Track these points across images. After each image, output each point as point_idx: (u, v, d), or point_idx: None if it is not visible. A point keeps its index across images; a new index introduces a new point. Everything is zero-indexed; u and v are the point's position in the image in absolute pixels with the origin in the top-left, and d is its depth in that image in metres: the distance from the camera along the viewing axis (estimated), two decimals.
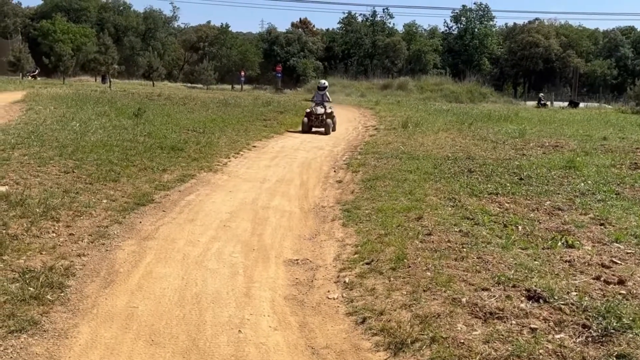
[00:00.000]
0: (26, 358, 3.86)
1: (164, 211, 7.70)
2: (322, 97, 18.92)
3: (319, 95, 19.13)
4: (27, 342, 4.04)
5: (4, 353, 3.86)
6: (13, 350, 3.91)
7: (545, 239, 6.36)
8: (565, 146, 13.79)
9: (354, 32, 65.51)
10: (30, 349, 3.97)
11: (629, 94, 40.54)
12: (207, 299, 5.04)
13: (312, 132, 17.96)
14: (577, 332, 4.11)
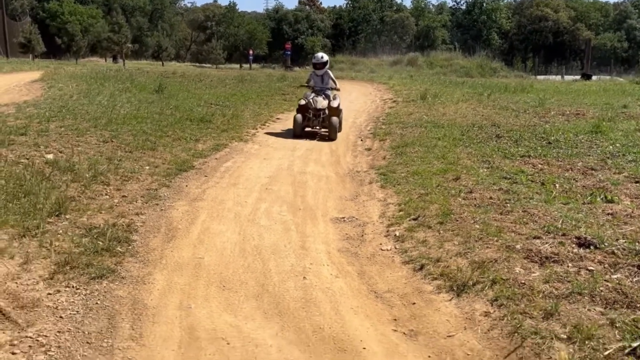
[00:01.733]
0: (112, 300, 4.08)
1: (205, 176, 7.90)
2: (322, 80, 12.34)
3: (317, 77, 12.42)
4: (110, 287, 4.26)
5: (91, 296, 4.08)
6: (99, 294, 4.13)
7: (584, 195, 6.51)
8: (586, 114, 13.85)
9: (361, 8, 65.18)
10: (114, 293, 4.19)
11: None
12: (267, 251, 5.25)
13: (309, 134, 11.78)
14: (633, 272, 4.29)
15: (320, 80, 12.36)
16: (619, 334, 3.45)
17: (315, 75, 12.45)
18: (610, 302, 3.85)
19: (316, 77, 12.43)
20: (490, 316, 3.95)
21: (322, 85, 12.25)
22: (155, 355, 3.46)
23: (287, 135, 11.88)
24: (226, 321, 3.94)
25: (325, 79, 12.37)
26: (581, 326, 3.54)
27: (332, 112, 11.78)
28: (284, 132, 12.22)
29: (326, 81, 12.36)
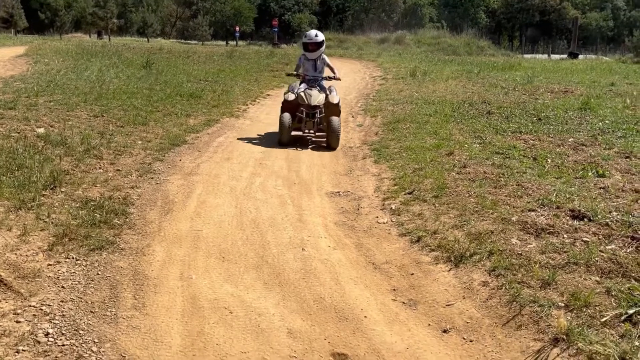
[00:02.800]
0: (113, 271, 4.09)
1: (199, 151, 7.88)
2: (314, 66, 9.24)
3: (308, 62, 9.26)
4: (110, 258, 4.26)
5: (91, 267, 4.09)
6: (99, 265, 4.14)
7: (576, 169, 6.59)
8: (574, 91, 13.92)
9: None
10: (115, 264, 4.20)
11: (627, 45, 40.54)
12: (265, 223, 5.27)
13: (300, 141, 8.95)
14: (627, 243, 4.37)
15: (313, 66, 9.16)
16: (615, 302, 3.53)
17: (305, 60, 9.17)
18: (606, 272, 3.92)
19: (307, 62, 9.16)
20: (488, 286, 4.01)
21: (315, 74, 9.11)
22: (160, 323, 3.49)
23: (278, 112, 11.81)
24: (227, 291, 3.96)
25: (320, 66, 9.19)
26: (578, 294, 3.61)
27: (330, 110, 8.70)
28: (275, 109, 12.17)
29: (320, 68, 9.20)
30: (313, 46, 9.07)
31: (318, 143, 8.88)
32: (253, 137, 9.13)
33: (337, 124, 8.48)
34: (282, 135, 8.55)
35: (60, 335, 3.25)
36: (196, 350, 3.28)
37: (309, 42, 9.10)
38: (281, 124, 8.55)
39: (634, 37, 37.93)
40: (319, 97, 8.76)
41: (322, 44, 9.12)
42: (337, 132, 8.50)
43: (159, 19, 58.60)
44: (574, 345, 3.16)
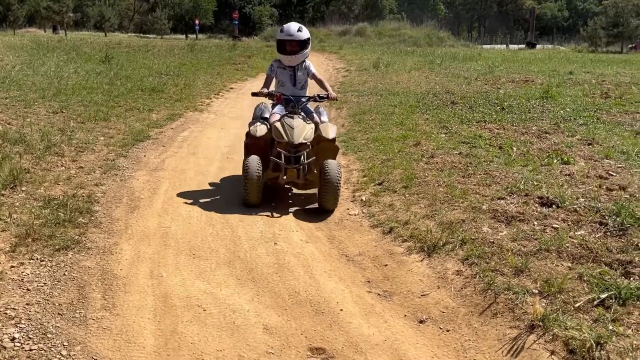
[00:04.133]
0: (80, 271, 3.96)
1: (163, 146, 7.73)
2: (295, 79, 6.00)
3: (286, 73, 6.00)
4: (76, 258, 4.13)
5: (57, 267, 3.95)
6: (65, 265, 4.00)
7: (541, 157, 6.67)
8: (535, 80, 14.15)
9: None
10: (82, 264, 4.06)
11: (582, 35, 41.50)
12: (235, 218, 5.19)
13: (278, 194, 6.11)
14: (596, 228, 4.43)
15: (292, 78, 5.97)
16: (588, 287, 3.57)
17: (281, 69, 5.98)
18: (577, 257, 3.97)
19: (284, 72, 5.98)
20: (462, 275, 4.02)
21: (296, 91, 5.97)
22: (131, 324, 3.39)
23: (242, 105, 11.68)
24: (200, 288, 3.88)
25: (302, 78, 6.02)
26: (551, 281, 3.64)
27: (324, 149, 5.79)
28: (239, 102, 12.05)
29: (303, 81, 6.05)
30: (293, 46, 5.76)
31: (302, 196, 6.07)
32: (218, 131, 9.00)
33: (335, 173, 5.30)
34: (250, 194, 5.38)
35: (27, 339, 3.12)
36: (170, 350, 3.19)
37: (287, 39, 5.76)
38: (247, 176, 5.31)
39: (589, 27, 38.90)
40: (305, 130, 5.51)
41: (306, 43, 5.84)
42: (336, 186, 5.31)
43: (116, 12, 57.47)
44: (550, 332, 3.18)
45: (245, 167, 5.40)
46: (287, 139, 5.47)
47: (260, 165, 5.41)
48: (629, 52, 33.38)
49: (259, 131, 5.66)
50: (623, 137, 7.59)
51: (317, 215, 5.49)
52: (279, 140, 5.54)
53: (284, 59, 5.93)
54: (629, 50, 34.30)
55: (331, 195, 5.40)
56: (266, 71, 6.17)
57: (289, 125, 5.52)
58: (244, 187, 5.41)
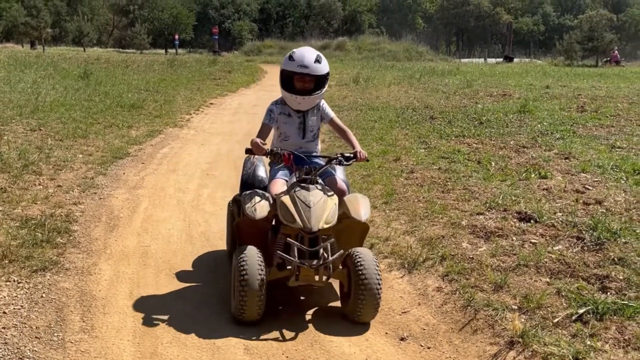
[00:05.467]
0: (58, 293, 3.91)
1: (143, 163, 7.69)
2: (304, 128, 4.12)
3: (294, 121, 4.11)
4: (54, 279, 4.08)
5: (35, 289, 3.89)
6: (43, 287, 3.95)
7: (519, 172, 6.75)
8: (512, 94, 14.37)
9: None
10: (60, 285, 4.01)
11: (558, 49, 42.20)
12: (215, 236, 5.17)
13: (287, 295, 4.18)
14: (573, 243, 4.49)
15: (300, 128, 4.16)
16: (566, 302, 3.61)
17: (284, 116, 4.15)
18: (555, 272, 4.02)
19: (290, 121, 4.15)
20: (442, 291, 4.04)
21: (306, 144, 4.24)
22: (110, 346, 3.35)
23: (222, 121, 11.67)
24: (180, 309, 3.85)
25: (314, 125, 4.23)
26: (530, 296, 3.67)
27: (352, 234, 4.11)
28: (219, 117, 12.04)
29: (315, 130, 4.28)
30: (307, 82, 4.02)
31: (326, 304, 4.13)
32: (199, 147, 8.98)
33: (374, 272, 3.65)
34: (247, 309, 3.59)
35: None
36: None
37: (299, 71, 3.97)
38: (244, 284, 3.54)
39: (564, 41, 39.57)
40: (327, 209, 3.77)
41: (325, 80, 4.08)
42: (377, 293, 3.65)
43: (95, 27, 57.30)
44: (529, 348, 3.21)
45: (240, 268, 3.53)
46: (302, 223, 3.65)
47: (262, 264, 3.60)
48: (604, 65, 33.98)
49: (260, 211, 3.75)
50: (599, 151, 7.72)
51: None
52: (288, 224, 3.71)
53: (291, 101, 4.03)
54: (604, 64, 34.91)
55: (369, 307, 3.65)
56: (264, 117, 4.12)
57: (304, 201, 3.68)
58: (239, 298, 3.54)
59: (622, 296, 3.60)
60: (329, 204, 3.76)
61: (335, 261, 3.75)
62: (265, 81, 21.02)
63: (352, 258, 3.71)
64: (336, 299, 4.04)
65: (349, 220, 3.88)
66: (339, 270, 3.80)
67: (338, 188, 4.04)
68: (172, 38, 52.57)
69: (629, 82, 18.70)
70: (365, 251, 3.81)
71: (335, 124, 4.28)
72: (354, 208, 3.85)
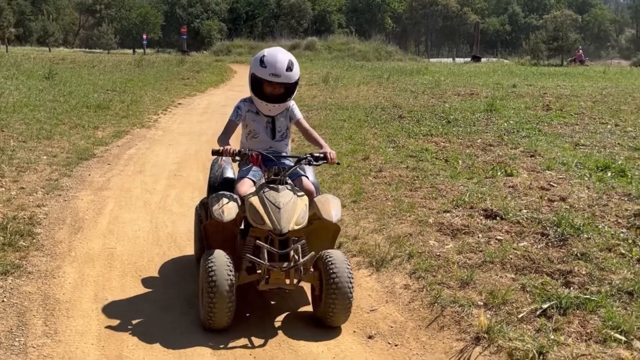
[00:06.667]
0: (20, 297, 3.83)
1: (109, 164, 7.58)
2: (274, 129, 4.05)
3: (262, 122, 4.04)
4: (16, 283, 3.99)
5: None
6: (4, 291, 3.86)
7: (486, 169, 6.83)
8: (480, 93, 14.55)
9: None
10: (22, 289, 3.93)
11: (524, 48, 42.89)
12: (182, 237, 5.12)
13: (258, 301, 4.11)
14: (537, 239, 4.56)
15: (269, 128, 4.08)
16: (530, 297, 3.66)
17: (252, 114, 4.06)
18: (520, 268, 4.07)
19: (258, 118, 4.06)
20: (410, 288, 4.07)
21: (275, 144, 4.12)
22: (74, 350, 3.29)
23: (190, 121, 11.58)
24: (146, 311, 3.80)
25: (283, 126, 4.12)
26: (496, 292, 3.72)
27: (323, 234, 3.97)
28: (187, 117, 11.94)
29: (284, 131, 4.14)
30: (278, 89, 3.91)
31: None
32: (166, 148, 8.88)
33: (345, 274, 3.56)
34: (216, 316, 3.46)
35: None
36: None
37: (269, 80, 3.85)
38: (213, 289, 3.41)
39: (531, 41, 40.23)
40: (298, 210, 3.67)
41: (296, 86, 4.00)
42: (349, 294, 3.56)
43: (60, 27, 56.36)
44: (495, 343, 3.24)
45: (208, 274, 3.39)
46: (272, 224, 3.53)
47: (231, 268, 3.46)
48: (569, 65, 34.61)
49: (228, 213, 3.60)
50: (563, 149, 7.86)
51: None
52: (257, 225, 3.59)
53: (261, 106, 3.95)
54: (568, 63, 35.56)
55: (341, 309, 3.56)
56: (231, 115, 4.02)
57: (273, 202, 3.57)
58: (208, 304, 3.40)
59: (584, 291, 3.66)
60: (299, 205, 3.66)
61: (306, 263, 3.62)
62: (234, 81, 20.93)
63: (323, 260, 3.62)
64: (307, 303, 3.96)
65: (319, 222, 3.78)
66: (310, 273, 3.68)
67: (307, 189, 3.94)
68: (140, 38, 51.95)
69: (592, 81, 19.09)
70: (337, 253, 3.70)
71: (302, 125, 4.16)
72: (324, 209, 3.72)
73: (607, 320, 3.30)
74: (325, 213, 3.71)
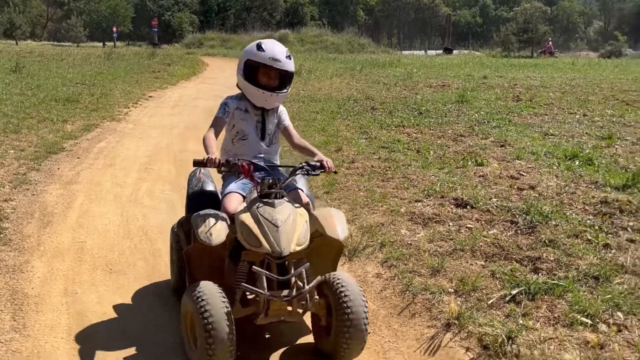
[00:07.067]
0: None
1: (78, 158, 7.48)
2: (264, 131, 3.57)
3: (252, 121, 3.55)
4: None
5: None
6: None
7: (457, 160, 6.90)
8: (451, 85, 14.65)
9: None
10: None
11: (495, 40, 43.32)
12: (154, 230, 5.08)
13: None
14: (507, 227, 4.63)
15: (258, 129, 3.60)
16: (500, 284, 3.72)
17: (242, 113, 3.57)
18: (490, 256, 4.13)
19: (247, 117, 3.57)
20: (381, 277, 4.10)
21: (268, 152, 3.65)
22: (43, 344, 3.25)
23: (162, 114, 11.46)
24: (117, 304, 3.77)
25: (273, 128, 3.64)
26: (466, 279, 3.77)
27: (322, 249, 3.38)
28: (158, 110, 11.81)
29: (273, 134, 3.65)
30: (274, 78, 3.49)
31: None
32: (137, 141, 8.78)
33: (359, 302, 3.09)
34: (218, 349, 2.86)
35: None
36: None
37: (270, 65, 3.42)
38: (211, 331, 2.85)
39: (501, 33, 40.64)
40: (298, 228, 3.12)
41: (292, 77, 3.60)
42: (363, 327, 3.08)
43: (27, 20, 55.23)
44: (465, 329, 3.29)
45: (201, 312, 2.85)
46: (270, 246, 2.97)
47: (226, 303, 2.92)
48: (539, 56, 35.04)
49: (217, 236, 3.04)
50: (533, 138, 7.96)
51: None
52: (252, 248, 3.04)
53: (257, 96, 3.46)
54: (538, 55, 36.00)
55: (355, 344, 3.07)
56: (218, 112, 3.53)
57: (270, 220, 3.01)
58: (205, 350, 2.85)
59: (552, 276, 3.73)
60: (299, 222, 3.08)
61: (312, 290, 3.06)
62: (206, 74, 20.77)
63: (331, 285, 3.08)
64: (307, 333, 3.45)
65: (321, 239, 3.24)
66: (315, 301, 3.11)
67: (303, 203, 3.34)
68: (110, 31, 51.18)
69: (561, 72, 19.36)
70: (347, 277, 3.16)
71: (289, 131, 3.67)
72: (328, 225, 3.18)
73: (574, 305, 3.37)
74: (329, 230, 3.17)
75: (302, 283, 3.00)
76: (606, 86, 14.19)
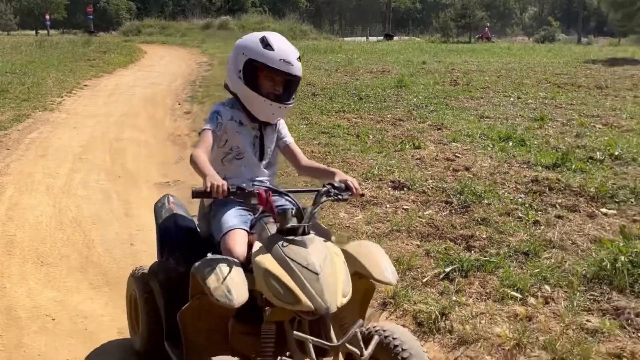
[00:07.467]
0: None
1: (8, 149, 7.22)
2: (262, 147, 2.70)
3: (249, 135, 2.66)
4: None
5: None
6: None
7: (395, 143, 7.00)
8: (391, 71, 14.80)
9: None
10: None
11: (434, 26, 43.90)
12: (87, 221, 4.95)
13: None
14: (442, 207, 4.73)
15: (255, 146, 2.71)
16: (434, 262, 3.80)
17: (236, 126, 2.66)
18: (425, 235, 4.22)
19: (243, 131, 2.68)
20: None
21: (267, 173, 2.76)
22: None
23: (97, 102, 11.15)
24: (48, 297, 3.66)
25: (271, 144, 2.77)
26: (402, 259, 3.83)
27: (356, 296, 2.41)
28: (94, 99, 11.50)
29: (271, 151, 2.77)
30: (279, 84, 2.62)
31: None
32: (70, 131, 8.52)
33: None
34: None
35: None
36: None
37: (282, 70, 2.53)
38: None
39: (440, 19, 41.21)
40: (339, 274, 2.22)
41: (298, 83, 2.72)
42: None
43: None
44: (401, 307, 3.35)
45: None
46: (312, 302, 2.10)
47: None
48: (477, 41, 35.72)
49: (239, 294, 2.12)
50: (469, 121, 8.15)
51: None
52: (286, 305, 2.14)
53: (262, 108, 2.62)
54: (476, 40, 36.69)
55: None
56: (208, 122, 2.61)
57: (306, 266, 2.14)
58: None
59: (484, 253, 3.84)
60: (338, 264, 2.25)
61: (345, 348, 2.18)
62: (144, 61, 20.27)
63: (384, 342, 2.16)
64: None
65: (361, 282, 2.45)
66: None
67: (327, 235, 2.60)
68: (42, 18, 49.30)
69: (498, 57, 19.81)
70: (404, 333, 2.25)
71: (291, 150, 2.84)
72: (373, 265, 2.38)
73: (504, 280, 3.47)
74: (376, 272, 2.37)
75: (360, 349, 2.15)
76: (539, 70, 14.64)
